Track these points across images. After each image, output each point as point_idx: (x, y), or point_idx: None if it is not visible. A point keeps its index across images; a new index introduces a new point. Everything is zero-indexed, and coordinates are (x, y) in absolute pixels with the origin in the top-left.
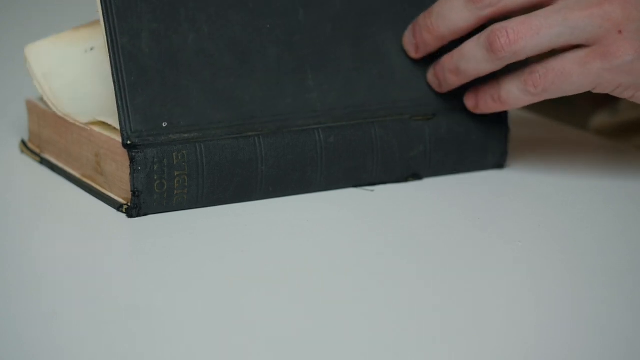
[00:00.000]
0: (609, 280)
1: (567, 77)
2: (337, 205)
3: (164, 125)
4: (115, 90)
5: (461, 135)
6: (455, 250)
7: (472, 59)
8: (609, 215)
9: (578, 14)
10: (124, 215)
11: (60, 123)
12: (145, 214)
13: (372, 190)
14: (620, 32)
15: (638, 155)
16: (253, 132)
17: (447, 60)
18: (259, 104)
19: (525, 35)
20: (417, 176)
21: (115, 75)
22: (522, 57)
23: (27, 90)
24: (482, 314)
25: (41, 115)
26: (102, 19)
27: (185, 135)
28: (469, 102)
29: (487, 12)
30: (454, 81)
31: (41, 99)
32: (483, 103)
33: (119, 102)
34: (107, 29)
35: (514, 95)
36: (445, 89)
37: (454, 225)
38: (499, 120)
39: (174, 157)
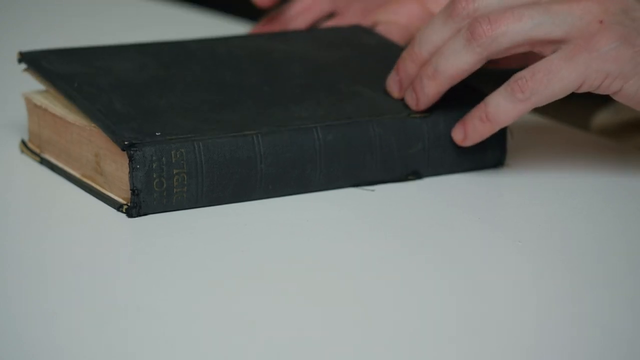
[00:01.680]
0: (609, 280)
1: (555, 73)
2: (337, 205)
3: (157, 134)
4: (97, 124)
5: None
6: (455, 250)
7: (452, 53)
8: (609, 215)
9: (558, 7)
10: (124, 215)
11: (60, 123)
12: (145, 214)
13: (372, 190)
14: (601, 21)
15: (639, 155)
16: (251, 130)
17: (424, 68)
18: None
19: (507, 20)
20: (416, 174)
21: (93, 119)
22: (503, 44)
23: (27, 90)
24: (482, 313)
25: (41, 115)
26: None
27: (182, 135)
28: (457, 134)
29: (465, 24)
30: (432, 87)
31: (40, 95)
32: (471, 128)
33: (104, 130)
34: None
35: (502, 108)
36: (422, 102)
37: (454, 225)
38: None
39: (173, 155)
